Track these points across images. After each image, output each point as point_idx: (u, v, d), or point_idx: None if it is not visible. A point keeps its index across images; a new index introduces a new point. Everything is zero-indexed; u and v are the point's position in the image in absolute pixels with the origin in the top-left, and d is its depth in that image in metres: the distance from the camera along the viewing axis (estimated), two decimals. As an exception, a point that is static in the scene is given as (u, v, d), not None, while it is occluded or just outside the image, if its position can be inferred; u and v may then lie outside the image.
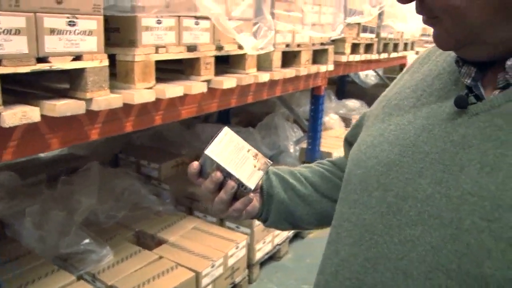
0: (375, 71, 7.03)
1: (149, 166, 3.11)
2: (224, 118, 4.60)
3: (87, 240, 2.39)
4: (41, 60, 1.32)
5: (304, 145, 3.65)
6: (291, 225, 0.93)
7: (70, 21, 1.38)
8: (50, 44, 1.33)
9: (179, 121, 3.39)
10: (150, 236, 2.70)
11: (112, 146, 3.53)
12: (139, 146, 3.66)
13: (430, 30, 0.65)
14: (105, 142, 3.48)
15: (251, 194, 0.84)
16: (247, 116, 4.55)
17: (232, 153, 0.79)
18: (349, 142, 0.94)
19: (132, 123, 1.77)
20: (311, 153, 3.58)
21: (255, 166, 0.80)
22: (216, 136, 0.80)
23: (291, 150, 3.59)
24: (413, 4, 0.62)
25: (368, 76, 7.15)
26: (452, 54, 0.72)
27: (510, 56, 0.58)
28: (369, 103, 6.49)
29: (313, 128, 3.55)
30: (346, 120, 5.16)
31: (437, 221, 0.58)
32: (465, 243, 0.55)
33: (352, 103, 6.23)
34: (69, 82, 1.51)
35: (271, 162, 0.83)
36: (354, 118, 5.40)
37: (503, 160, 0.55)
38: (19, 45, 1.26)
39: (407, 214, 0.61)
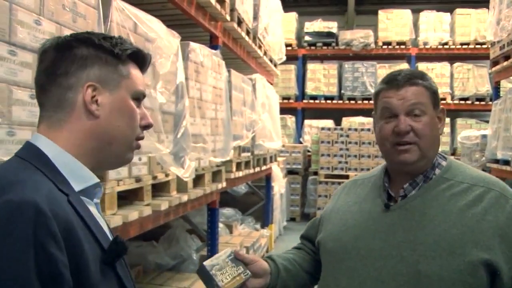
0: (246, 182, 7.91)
1: None
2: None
3: None
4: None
5: (203, 252, 4.13)
6: None
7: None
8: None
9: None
10: None
11: None
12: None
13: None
14: None
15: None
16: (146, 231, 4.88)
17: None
18: (306, 238, 1.58)
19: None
20: (210, 259, 4.05)
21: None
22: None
23: (194, 258, 4.04)
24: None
25: (239, 186, 7.98)
26: (370, 183, 1.41)
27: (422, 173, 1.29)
28: (242, 209, 7.29)
29: (212, 237, 4.08)
30: (229, 227, 5.77)
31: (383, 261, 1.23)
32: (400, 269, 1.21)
33: (228, 211, 6.93)
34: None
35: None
36: (235, 225, 6.07)
37: (412, 230, 1.23)
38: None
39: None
